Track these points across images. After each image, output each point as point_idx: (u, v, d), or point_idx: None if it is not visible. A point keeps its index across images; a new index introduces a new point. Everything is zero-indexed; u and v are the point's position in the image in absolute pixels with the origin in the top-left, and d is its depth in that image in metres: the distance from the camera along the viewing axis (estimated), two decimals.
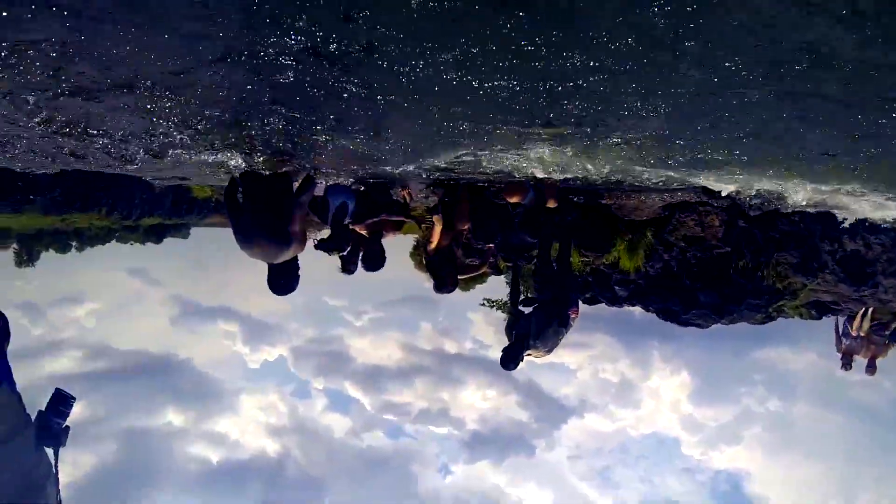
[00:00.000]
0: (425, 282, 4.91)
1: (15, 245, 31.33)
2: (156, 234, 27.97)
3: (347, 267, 4.58)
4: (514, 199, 4.76)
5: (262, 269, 3.78)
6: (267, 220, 3.54)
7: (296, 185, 3.98)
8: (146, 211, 19.95)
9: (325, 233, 4.72)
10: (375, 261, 4.61)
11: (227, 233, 3.73)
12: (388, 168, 4.11)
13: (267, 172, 3.87)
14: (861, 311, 7.51)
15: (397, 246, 4.91)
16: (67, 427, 2.31)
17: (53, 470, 2.24)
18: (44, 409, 2.28)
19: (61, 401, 2.30)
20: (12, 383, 2.19)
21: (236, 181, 3.77)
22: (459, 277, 5.07)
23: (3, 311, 2.43)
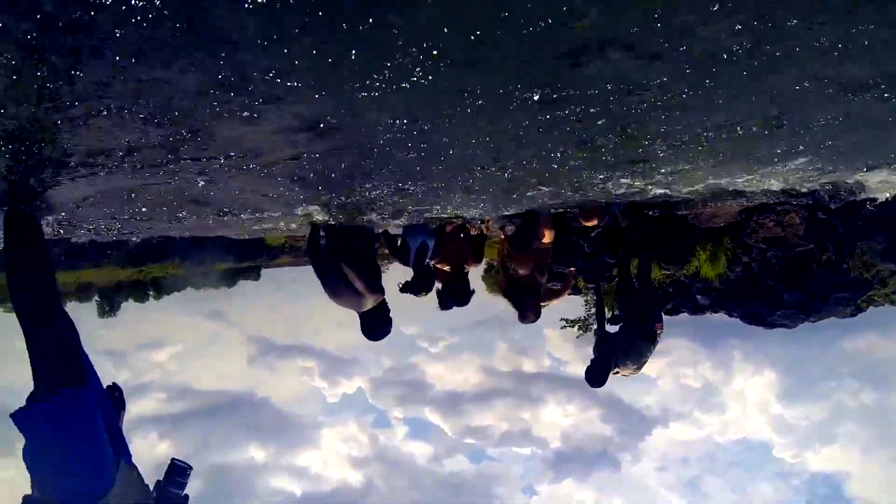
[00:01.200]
0: (504, 305, 4.99)
1: (97, 297, 33.32)
2: (228, 279, 29.22)
3: (445, 304, 4.73)
4: (592, 223, 4.84)
5: (333, 304, 3.83)
6: (342, 274, 3.65)
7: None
8: (218, 257, 20.99)
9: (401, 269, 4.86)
10: (464, 297, 4.76)
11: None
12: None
13: (342, 223, 3.88)
14: None
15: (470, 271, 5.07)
16: (186, 496, 2.32)
17: None
18: (161, 480, 2.29)
19: (178, 472, 2.32)
20: (129, 456, 2.20)
21: (318, 229, 3.84)
22: (543, 304, 5.15)
23: (114, 381, 2.43)
